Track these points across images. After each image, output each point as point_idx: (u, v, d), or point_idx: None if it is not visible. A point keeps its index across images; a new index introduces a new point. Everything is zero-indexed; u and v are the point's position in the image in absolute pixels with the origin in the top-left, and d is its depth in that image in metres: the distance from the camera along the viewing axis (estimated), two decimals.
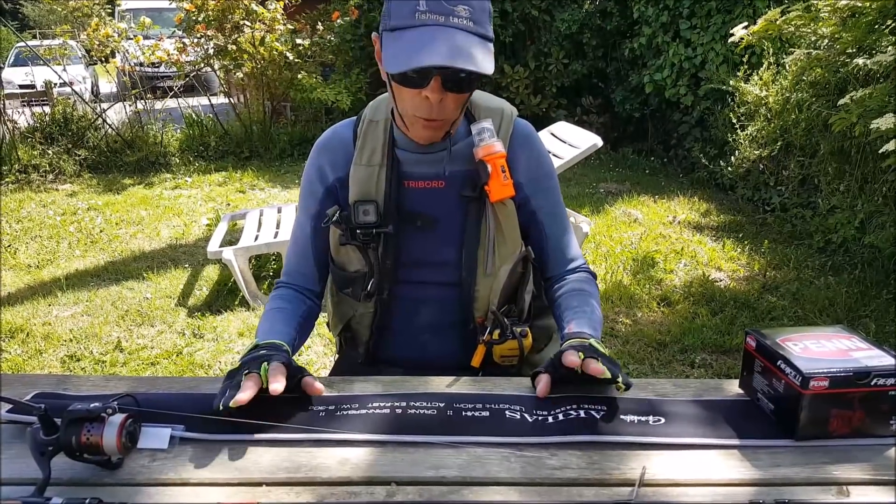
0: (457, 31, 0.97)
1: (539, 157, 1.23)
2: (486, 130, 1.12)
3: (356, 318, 1.27)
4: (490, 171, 1.10)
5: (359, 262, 1.20)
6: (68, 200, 5.56)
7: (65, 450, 0.79)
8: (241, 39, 6.38)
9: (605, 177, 6.09)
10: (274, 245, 3.51)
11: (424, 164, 1.16)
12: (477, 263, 1.18)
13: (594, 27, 6.96)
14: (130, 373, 2.78)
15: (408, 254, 1.20)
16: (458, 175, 1.16)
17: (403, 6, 0.98)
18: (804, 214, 4.35)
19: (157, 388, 1.04)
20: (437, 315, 1.24)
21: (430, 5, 0.97)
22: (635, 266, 3.79)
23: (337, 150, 1.21)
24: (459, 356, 1.24)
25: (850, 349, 0.90)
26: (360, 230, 1.15)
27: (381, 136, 1.17)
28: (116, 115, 6.91)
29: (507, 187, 1.11)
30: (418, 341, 1.26)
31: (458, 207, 1.17)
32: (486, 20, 1.01)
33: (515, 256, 1.19)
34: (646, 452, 0.85)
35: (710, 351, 2.87)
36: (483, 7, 1.01)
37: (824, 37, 3.90)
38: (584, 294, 1.19)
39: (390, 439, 0.87)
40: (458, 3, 0.97)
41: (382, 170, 1.15)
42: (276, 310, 1.19)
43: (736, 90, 5.11)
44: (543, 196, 1.23)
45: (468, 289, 1.19)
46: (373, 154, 1.16)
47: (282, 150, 7.05)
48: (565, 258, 1.26)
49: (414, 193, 1.17)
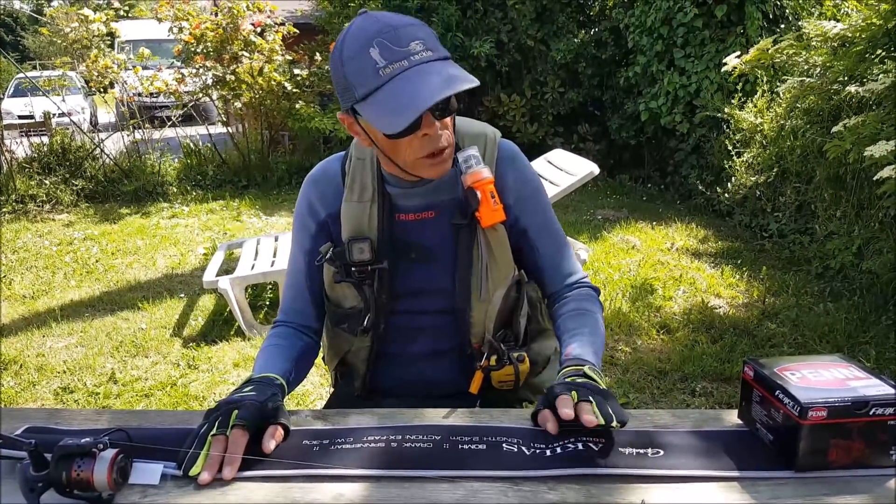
0: (424, 66, 0.96)
1: (525, 175, 1.22)
2: (473, 157, 1.12)
3: (352, 353, 1.26)
4: (480, 197, 1.10)
5: (354, 299, 1.19)
6: (65, 230, 5.56)
7: (55, 486, 0.77)
8: (240, 70, 6.45)
9: (603, 204, 6.12)
10: (270, 274, 3.50)
11: (414, 196, 1.17)
12: (471, 290, 1.17)
13: (589, 56, 7.05)
14: (124, 405, 2.75)
15: (403, 286, 1.19)
16: (448, 203, 1.17)
17: (361, 72, 0.97)
18: (802, 240, 4.36)
19: (149, 422, 1.03)
20: (433, 342, 1.23)
21: (387, 57, 0.95)
22: (634, 293, 3.79)
23: (327, 186, 1.20)
24: (457, 382, 1.23)
25: (848, 378, 0.90)
26: (354, 268, 1.15)
27: (369, 170, 1.17)
28: (114, 145, 6.95)
29: (497, 212, 1.11)
30: (415, 369, 1.25)
31: (449, 235, 1.17)
32: (438, 43, 1.01)
33: (508, 281, 1.18)
34: (645, 485, 0.84)
35: (711, 379, 2.85)
36: (429, 33, 1.00)
37: (816, 65, 3.95)
38: (584, 314, 1.18)
39: (385, 474, 0.85)
40: (408, 42, 0.96)
41: (374, 205, 1.15)
42: (272, 346, 1.18)
43: (731, 117, 5.16)
44: (532, 213, 1.22)
45: (463, 315, 1.19)
46: (363, 191, 1.16)
47: (279, 178, 7.08)
48: (562, 273, 1.25)
49: (406, 226, 1.17)
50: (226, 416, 0.91)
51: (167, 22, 6.65)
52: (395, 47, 0.95)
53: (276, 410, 0.95)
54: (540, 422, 0.95)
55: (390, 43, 0.95)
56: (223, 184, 7.03)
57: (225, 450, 0.87)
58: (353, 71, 0.97)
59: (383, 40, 0.95)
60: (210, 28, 6.49)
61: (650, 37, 6.06)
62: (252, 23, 6.66)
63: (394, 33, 0.96)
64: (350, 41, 0.98)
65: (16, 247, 5.06)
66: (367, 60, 0.95)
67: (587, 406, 0.90)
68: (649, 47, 6.07)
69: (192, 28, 6.51)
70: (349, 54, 0.97)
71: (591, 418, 0.87)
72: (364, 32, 0.97)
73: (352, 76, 0.98)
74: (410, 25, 0.98)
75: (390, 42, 0.95)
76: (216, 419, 0.91)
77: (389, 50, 0.95)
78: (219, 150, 7.30)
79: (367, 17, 0.99)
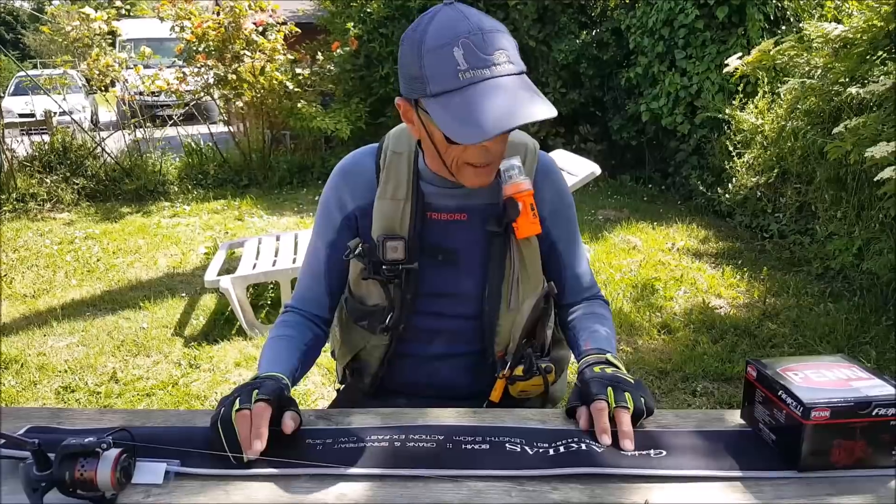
0: (504, 80, 0.94)
1: (561, 189, 1.23)
2: (515, 168, 1.11)
3: (367, 350, 1.25)
4: (520, 208, 1.10)
5: (379, 297, 1.18)
6: (65, 229, 5.56)
7: (58, 486, 0.77)
8: (242, 69, 6.44)
9: (604, 204, 6.12)
10: (272, 274, 3.50)
11: (448, 196, 1.15)
12: (500, 298, 1.17)
13: (591, 57, 7.05)
14: (126, 404, 2.75)
15: (427, 286, 1.18)
16: (482, 208, 1.16)
17: (442, 68, 0.94)
18: (802, 241, 4.36)
19: (152, 421, 1.03)
20: (449, 345, 1.23)
21: (470, 61, 0.92)
22: (635, 293, 3.79)
23: (358, 179, 1.18)
24: (470, 385, 1.23)
25: (851, 378, 0.90)
26: (385, 266, 1.13)
27: (406, 168, 1.15)
28: (115, 144, 6.95)
29: (534, 225, 1.11)
30: (428, 370, 1.24)
31: (480, 240, 1.17)
32: (518, 55, 0.99)
33: (538, 293, 1.17)
34: (648, 485, 0.84)
35: (712, 379, 2.85)
36: (513, 44, 0.98)
37: (817, 67, 3.95)
38: (598, 316, 1.21)
39: (389, 473, 0.85)
40: (494, 49, 0.94)
41: (408, 204, 1.14)
42: (281, 338, 1.16)
43: (732, 118, 5.16)
44: (564, 227, 1.23)
45: (490, 323, 1.18)
46: (397, 187, 1.14)
47: (281, 178, 7.08)
48: (581, 287, 1.27)
49: (436, 226, 1.16)
50: (246, 394, 0.92)
51: (169, 21, 6.65)
52: (481, 53, 0.93)
53: (290, 400, 0.96)
54: (577, 418, 0.98)
55: (476, 47, 0.93)
56: (224, 183, 7.03)
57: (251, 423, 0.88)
58: (432, 64, 0.94)
59: (470, 42, 0.93)
60: (212, 27, 6.49)
61: (651, 38, 6.06)
62: (254, 22, 6.65)
63: (481, 37, 0.93)
64: (434, 32, 0.95)
65: (16, 246, 5.06)
66: (448, 59, 0.93)
67: (625, 419, 0.93)
68: (651, 48, 6.07)
69: (194, 27, 6.51)
70: (431, 45, 0.94)
71: (629, 444, 0.90)
72: (451, 28, 0.94)
73: (429, 69, 0.95)
74: (498, 32, 0.96)
75: (476, 46, 0.93)
76: (236, 398, 0.92)
77: (474, 54, 0.93)
78: (220, 149, 7.29)
79: (456, 11, 0.96)
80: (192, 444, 0.88)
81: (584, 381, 1.00)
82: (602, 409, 0.94)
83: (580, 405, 0.98)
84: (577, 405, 0.98)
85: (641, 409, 0.95)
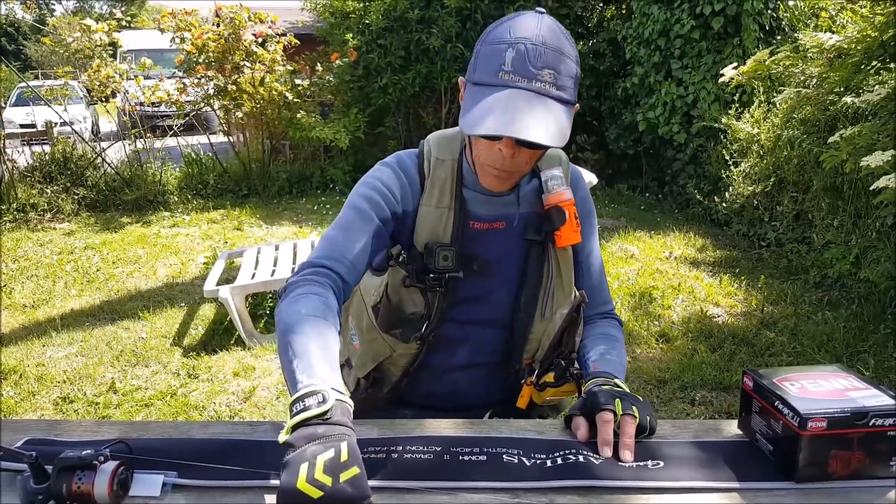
0: (536, 97, 0.95)
1: (586, 199, 1.24)
2: (557, 178, 1.12)
3: (392, 359, 1.21)
4: (567, 216, 1.11)
5: (418, 305, 1.16)
6: (65, 239, 5.56)
7: (55, 499, 0.77)
8: (241, 80, 6.47)
9: (601, 213, 6.13)
10: (271, 283, 3.50)
11: (490, 204, 1.15)
12: (535, 307, 1.17)
13: (587, 67, 7.08)
14: (124, 414, 2.74)
15: (461, 295, 1.17)
16: (519, 217, 1.16)
17: (490, 61, 0.97)
18: (799, 249, 4.37)
19: (150, 432, 1.02)
20: (472, 354, 1.22)
21: (515, 66, 0.95)
22: (633, 302, 3.79)
23: (405, 181, 1.15)
24: (483, 397, 1.23)
25: (848, 389, 0.90)
26: (432, 274, 1.11)
27: (449, 176, 1.14)
28: (116, 154, 6.96)
29: (576, 234, 1.12)
30: (448, 379, 1.23)
31: (517, 250, 1.17)
32: (571, 86, 0.99)
33: (570, 302, 1.18)
34: (645, 496, 0.84)
35: (710, 388, 2.85)
36: (570, 73, 0.98)
37: (813, 76, 3.97)
38: (611, 338, 1.20)
39: (384, 485, 0.85)
40: (544, 67, 0.95)
41: (451, 212, 1.13)
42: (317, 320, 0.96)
43: (728, 128, 5.18)
44: (586, 237, 1.22)
45: (522, 331, 1.18)
46: (441, 195, 1.13)
47: (280, 188, 7.09)
48: (599, 300, 1.26)
49: (475, 234, 1.15)
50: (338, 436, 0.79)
51: (169, 32, 6.68)
52: (529, 63, 0.95)
53: None
54: (573, 428, 0.98)
55: (528, 56, 0.95)
56: (224, 193, 7.04)
57: None
58: (485, 54, 0.99)
59: (525, 49, 0.95)
60: (212, 38, 6.52)
61: (648, 48, 6.10)
62: (253, 33, 6.68)
63: (537, 50, 0.95)
64: (504, 28, 0.98)
65: (16, 256, 5.06)
66: (498, 56, 0.96)
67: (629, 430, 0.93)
68: (647, 58, 6.11)
69: (194, 38, 6.54)
70: (493, 38, 0.99)
71: (628, 455, 0.91)
72: (518, 31, 0.97)
73: (481, 57, 0.99)
74: (558, 53, 0.97)
75: (528, 55, 0.95)
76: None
77: (522, 62, 0.95)
78: (220, 159, 7.31)
79: (536, 20, 0.98)
80: (190, 456, 0.88)
81: (592, 393, 1.00)
82: (608, 421, 0.94)
83: (580, 415, 0.98)
84: (576, 414, 0.99)
85: (645, 425, 0.95)
